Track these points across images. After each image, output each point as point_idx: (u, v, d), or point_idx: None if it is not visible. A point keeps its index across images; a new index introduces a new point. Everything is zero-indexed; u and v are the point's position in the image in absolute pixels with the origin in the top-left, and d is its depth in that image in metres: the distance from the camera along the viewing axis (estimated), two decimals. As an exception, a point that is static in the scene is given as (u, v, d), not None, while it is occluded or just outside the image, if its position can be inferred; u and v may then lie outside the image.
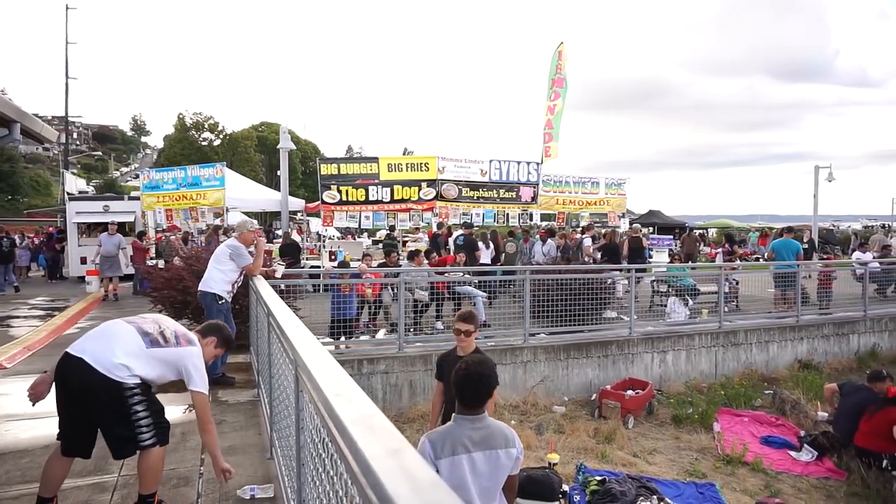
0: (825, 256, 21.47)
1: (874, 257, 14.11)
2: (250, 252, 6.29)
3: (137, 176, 29.62)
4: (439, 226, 15.24)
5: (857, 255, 14.16)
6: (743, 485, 6.35)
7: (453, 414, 2.83)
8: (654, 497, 5.48)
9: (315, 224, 23.75)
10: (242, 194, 16.64)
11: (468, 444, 2.72)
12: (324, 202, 13.89)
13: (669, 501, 5.46)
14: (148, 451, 3.22)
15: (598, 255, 12.89)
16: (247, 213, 18.51)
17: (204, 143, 55.71)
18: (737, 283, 12.03)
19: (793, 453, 7.22)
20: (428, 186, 14.41)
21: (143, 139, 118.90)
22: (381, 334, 8.80)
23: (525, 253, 13.95)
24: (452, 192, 14.63)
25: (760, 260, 18.68)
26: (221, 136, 57.21)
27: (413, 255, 10.29)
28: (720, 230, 40.93)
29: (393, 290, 8.73)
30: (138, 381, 3.20)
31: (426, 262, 10.06)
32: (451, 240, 14.08)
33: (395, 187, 14.19)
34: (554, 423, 7.61)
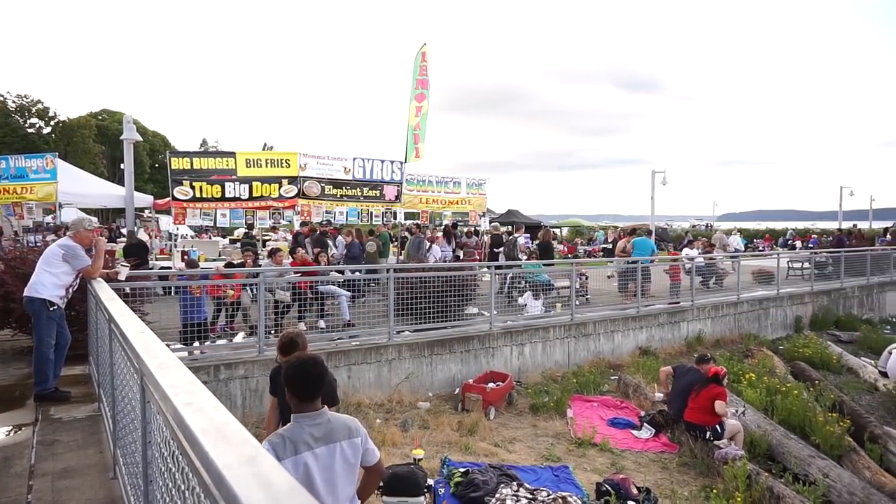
0: (659, 252, 23.68)
1: (699, 253, 15.83)
2: (89, 252, 5.71)
3: (-55, 166, 25.73)
4: (302, 224, 14.87)
5: (686, 251, 15.82)
6: (593, 464, 6.85)
7: (292, 415, 2.79)
8: (514, 483, 5.75)
9: (165, 222, 22.19)
10: (79, 189, 15.06)
11: (310, 441, 2.70)
12: (175, 198, 12.96)
13: (528, 486, 5.75)
14: None
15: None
16: (85, 210, 16.83)
17: (31, 131, 49.57)
18: (586, 279, 12.94)
19: (634, 432, 7.92)
20: (289, 184, 13.96)
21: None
22: (239, 337, 8.40)
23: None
24: (315, 189, 14.30)
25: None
26: (53, 124, 51.23)
27: (273, 254, 9.94)
28: (572, 229, 43.92)
29: (252, 290, 8.37)
30: None
31: (287, 261, 9.77)
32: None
33: (254, 184, 13.58)
34: (419, 418, 7.71)
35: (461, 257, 16.43)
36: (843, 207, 35.84)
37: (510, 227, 22.75)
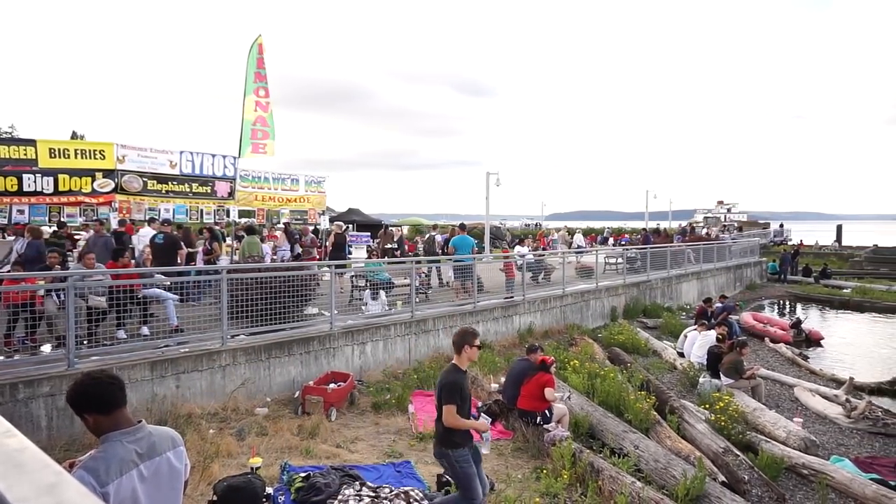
0: (493, 250, 24.95)
1: (529, 250, 16.93)
2: None
3: None
4: (121, 223, 13.56)
5: (517, 248, 16.83)
6: (434, 457, 7.01)
7: (105, 435, 2.47)
8: (357, 483, 5.72)
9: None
10: None
11: (135, 458, 2.45)
12: (-44, 192, 11.12)
13: (371, 485, 5.75)
14: None
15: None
16: None
17: None
18: (427, 276, 13.25)
19: (472, 423, 8.25)
20: (104, 177, 12.60)
21: None
22: (44, 350, 7.43)
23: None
24: (136, 184, 13.06)
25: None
26: None
27: (82, 255, 8.92)
28: (412, 227, 44.72)
29: (59, 296, 7.44)
30: None
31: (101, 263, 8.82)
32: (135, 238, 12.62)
33: (61, 177, 12.07)
34: (257, 425, 7.37)
35: (301, 256, 16.00)
36: (649, 209, 40.41)
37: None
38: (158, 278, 9.20)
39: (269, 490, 5.48)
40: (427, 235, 17.48)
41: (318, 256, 16.15)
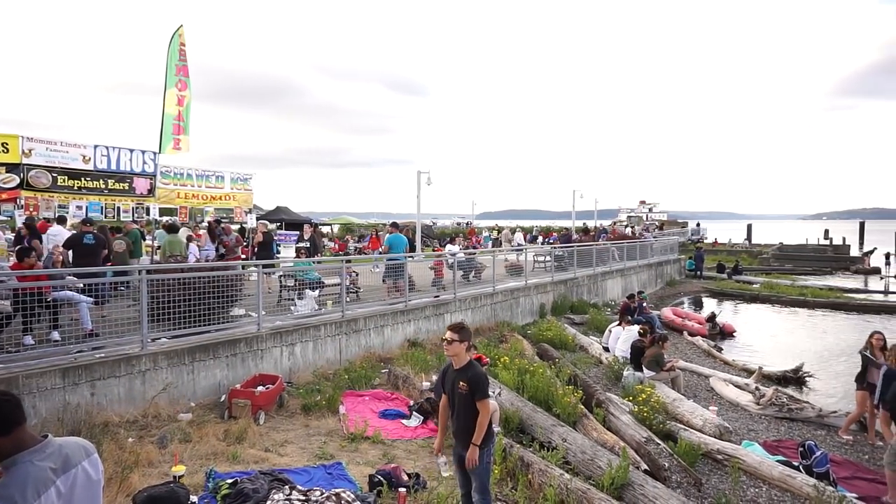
0: (424, 249, 24.99)
1: (461, 248, 17.08)
2: None
3: None
4: (29, 220, 12.70)
5: (448, 247, 16.95)
6: (365, 457, 6.96)
7: (11, 458, 2.26)
8: (287, 487, 5.59)
9: None
10: None
11: (52, 475, 2.29)
12: None
13: (301, 488, 5.63)
14: None
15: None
16: None
17: None
18: (357, 275, 13.12)
19: (404, 421, 8.25)
20: (8, 172, 11.74)
21: None
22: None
23: None
24: (44, 180, 12.23)
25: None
26: None
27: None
28: (343, 226, 44.21)
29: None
30: None
31: (6, 263, 8.23)
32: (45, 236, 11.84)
33: (-42, 171, 11.17)
34: (180, 431, 7.08)
35: (224, 256, 15.49)
36: (576, 208, 41.55)
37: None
38: (70, 280, 8.68)
39: (194, 498, 5.29)
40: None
41: (242, 256, 15.70)
